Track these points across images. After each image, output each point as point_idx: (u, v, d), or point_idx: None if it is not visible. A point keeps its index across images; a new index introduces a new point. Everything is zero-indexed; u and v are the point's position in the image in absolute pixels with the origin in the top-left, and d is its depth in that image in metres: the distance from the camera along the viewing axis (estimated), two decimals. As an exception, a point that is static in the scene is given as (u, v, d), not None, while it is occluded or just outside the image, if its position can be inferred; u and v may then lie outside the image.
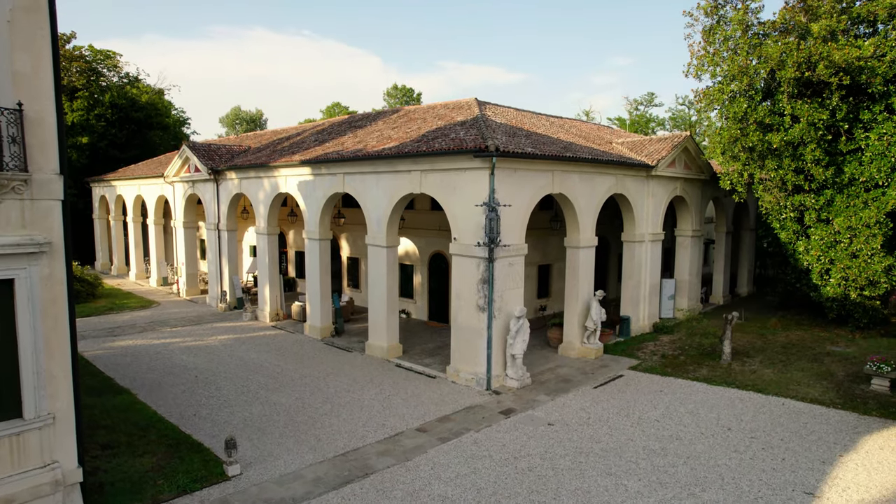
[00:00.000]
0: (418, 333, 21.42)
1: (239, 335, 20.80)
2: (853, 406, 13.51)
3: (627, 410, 13.43)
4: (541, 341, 19.65)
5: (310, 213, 20.59)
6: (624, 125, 52.01)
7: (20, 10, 7.62)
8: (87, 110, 39.82)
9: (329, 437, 11.95)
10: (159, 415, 12.93)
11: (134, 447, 11.26)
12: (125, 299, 27.36)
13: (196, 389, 14.84)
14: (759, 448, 11.39)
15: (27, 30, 7.70)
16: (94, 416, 12.72)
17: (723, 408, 13.55)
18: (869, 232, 18.50)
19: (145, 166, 35.01)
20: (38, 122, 7.86)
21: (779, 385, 14.97)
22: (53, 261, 8.09)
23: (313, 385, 15.26)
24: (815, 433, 12.12)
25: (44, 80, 7.87)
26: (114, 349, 18.71)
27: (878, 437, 11.89)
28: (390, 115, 24.09)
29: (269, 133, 31.45)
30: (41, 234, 7.94)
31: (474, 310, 15.22)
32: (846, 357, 17.32)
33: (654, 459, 10.93)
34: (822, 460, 10.85)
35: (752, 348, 18.44)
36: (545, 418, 13.01)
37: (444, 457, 11.06)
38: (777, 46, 18.92)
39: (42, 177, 7.92)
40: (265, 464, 10.69)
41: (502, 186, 14.80)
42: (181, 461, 10.62)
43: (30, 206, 7.86)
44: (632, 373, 16.44)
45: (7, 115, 7.48)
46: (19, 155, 7.62)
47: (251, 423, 12.59)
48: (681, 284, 23.95)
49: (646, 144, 22.12)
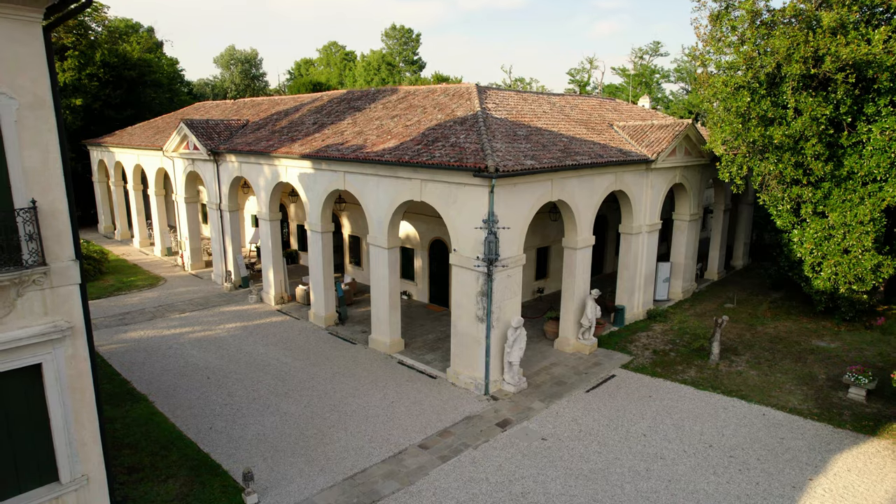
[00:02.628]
0: (419, 319, 22.16)
1: (246, 323, 21.53)
2: (829, 417, 14.37)
3: (616, 423, 14.30)
4: (537, 332, 20.40)
5: (311, 205, 20.81)
6: (629, 78, 50.80)
7: (26, 109, 7.72)
8: (78, 70, 38.90)
9: (337, 455, 12.84)
10: (178, 430, 13.79)
11: (157, 469, 12.16)
12: (132, 275, 27.96)
13: (209, 395, 15.68)
14: (736, 470, 12.29)
15: (34, 126, 7.82)
16: (117, 432, 13.59)
17: (706, 419, 14.41)
18: (862, 229, 18.83)
19: (141, 131, 34.68)
20: (52, 214, 8.12)
21: (762, 391, 15.80)
22: (76, 340, 8.58)
23: (320, 389, 16.09)
24: (791, 450, 13.01)
25: (53, 172, 8.07)
26: (126, 343, 19.48)
27: (847, 456, 12.78)
28: (390, 97, 23.77)
29: (266, 103, 30.97)
30: (63, 319, 8.39)
31: (473, 319, 15.82)
32: (829, 355, 18.09)
33: (639, 483, 11.85)
34: (793, 485, 11.77)
35: (740, 343, 19.19)
36: (539, 431, 13.89)
37: (444, 479, 11.97)
38: (785, 39, 18.52)
39: (60, 265, 8.27)
40: (279, 489, 11.61)
41: (501, 201, 15.03)
42: (202, 488, 11.53)
43: (50, 294, 8.26)
44: (623, 372, 17.25)
45: (23, 214, 7.75)
46: (37, 250, 7.94)
47: (264, 439, 13.46)
48: (676, 267, 24.46)
49: (647, 132, 21.99)
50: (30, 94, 7.72)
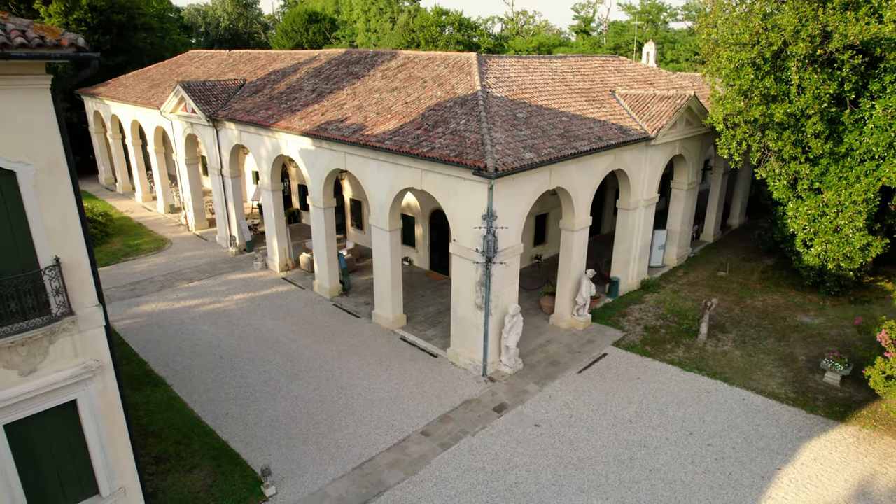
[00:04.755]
0: (420, 288, 22.93)
1: (253, 294, 22.32)
2: (804, 402, 15.41)
3: (605, 407, 15.35)
4: (534, 305, 21.23)
5: (313, 181, 21.03)
6: (635, 15, 48.96)
7: (42, 173, 8.01)
8: (64, 14, 37.59)
9: (346, 442, 13.94)
10: (197, 416, 14.85)
11: (182, 459, 13.28)
12: (138, 238, 28.49)
13: (223, 377, 16.67)
14: (712, 459, 13.41)
15: (51, 188, 8.14)
16: (141, 419, 14.65)
17: (689, 404, 15.45)
18: (855, 209, 19.18)
19: (136, 83, 34.06)
20: (75, 266, 8.60)
21: (744, 373, 16.78)
22: (105, 375, 9.29)
23: (328, 370, 17.07)
24: (765, 438, 14.10)
25: (72, 227, 8.47)
26: (140, 318, 20.33)
27: (815, 444, 13.88)
28: (389, 62, 23.37)
29: (263, 58, 30.26)
30: (92, 359, 9.06)
31: (472, 306, 16.55)
32: (811, 333, 18.98)
33: (622, 473, 12.99)
34: (763, 474, 12.91)
35: (729, 318, 20.04)
36: (533, 417, 14.96)
37: (444, 469, 13.11)
38: (793, 16, 18.10)
39: (85, 311, 8.84)
40: (294, 479, 12.75)
41: (500, 196, 15.35)
42: (225, 478, 12.67)
43: (79, 338, 8.88)
44: (615, 350, 18.20)
45: (48, 272, 8.23)
46: (64, 302, 8.49)
47: (278, 426, 14.54)
48: (672, 235, 24.94)
49: (648, 104, 21.82)
50: (45, 159, 7.99)
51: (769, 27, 18.74)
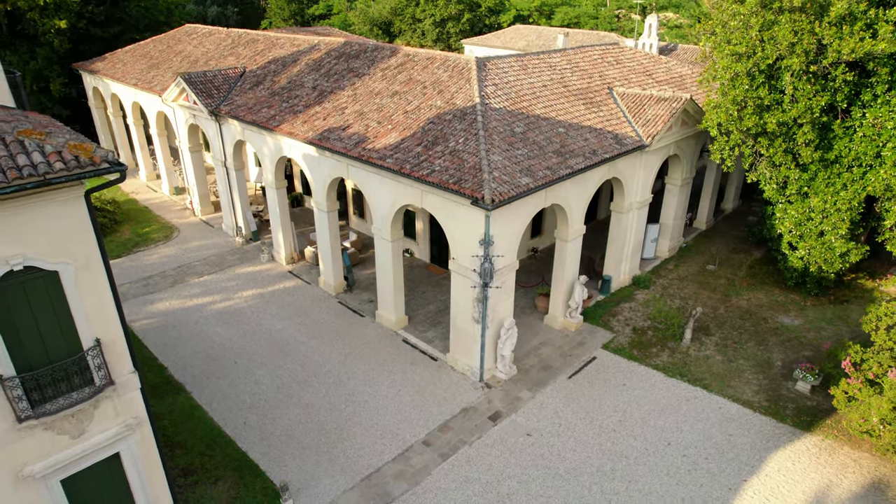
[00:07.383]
0: (421, 284, 23.98)
1: (261, 290, 23.38)
2: (775, 411, 16.76)
3: (591, 415, 16.70)
4: (529, 303, 22.35)
5: (316, 185, 21.69)
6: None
7: (82, 270, 8.87)
8: (57, -14, 36.81)
9: (355, 452, 15.35)
10: (218, 426, 16.21)
11: (207, 471, 14.70)
12: (146, 224, 29.30)
13: (238, 384, 17.97)
14: (686, 470, 14.84)
15: (89, 280, 9.03)
16: (167, 429, 16.01)
17: (670, 413, 16.80)
18: (839, 216, 19.98)
19: (133, 60, 33.90)
20: (112, 343, 9.59)
21: (722, 380, 18.07)
22: (143, 429, 10.46)
23: (336, 374, 18.35)
24: (735, 448, 15.50)
25: (108, 310, 9.40)
26: (155, 317, 21.47)
27: (780, 454, 15.28)
28: (389, 60, 23.51)
29: (262, 41, 30.10)
30: (131, 416, 10.20)
31: (470, 319, 17.64)
32: (790, 336, 20.17)
33: (604, 484, 14.44)
34: (730, 486, 14.36)
35: (713, 320, 21.18)
36: (525, 426, 16.33)
37: (444, 479, 14.55)
38: (789, 28, 18.30)
39: (123, 379, 9.90)
40: (309, 490, 14.20)
41: (497, 222, 16.15)
42: (247, 490, 14.12)
43: (118, 401, 9.98)
44: (604, 354, 19.44)
45: (91, 352, 9.23)
46: (105, 375, 9.53)
47: (291, 436, 15.92)
48: (665, 228, 25.75)
49: (645, 105, 22.17)
50: (83, 257, 8.83)
51: (766, 39, 18.96)
